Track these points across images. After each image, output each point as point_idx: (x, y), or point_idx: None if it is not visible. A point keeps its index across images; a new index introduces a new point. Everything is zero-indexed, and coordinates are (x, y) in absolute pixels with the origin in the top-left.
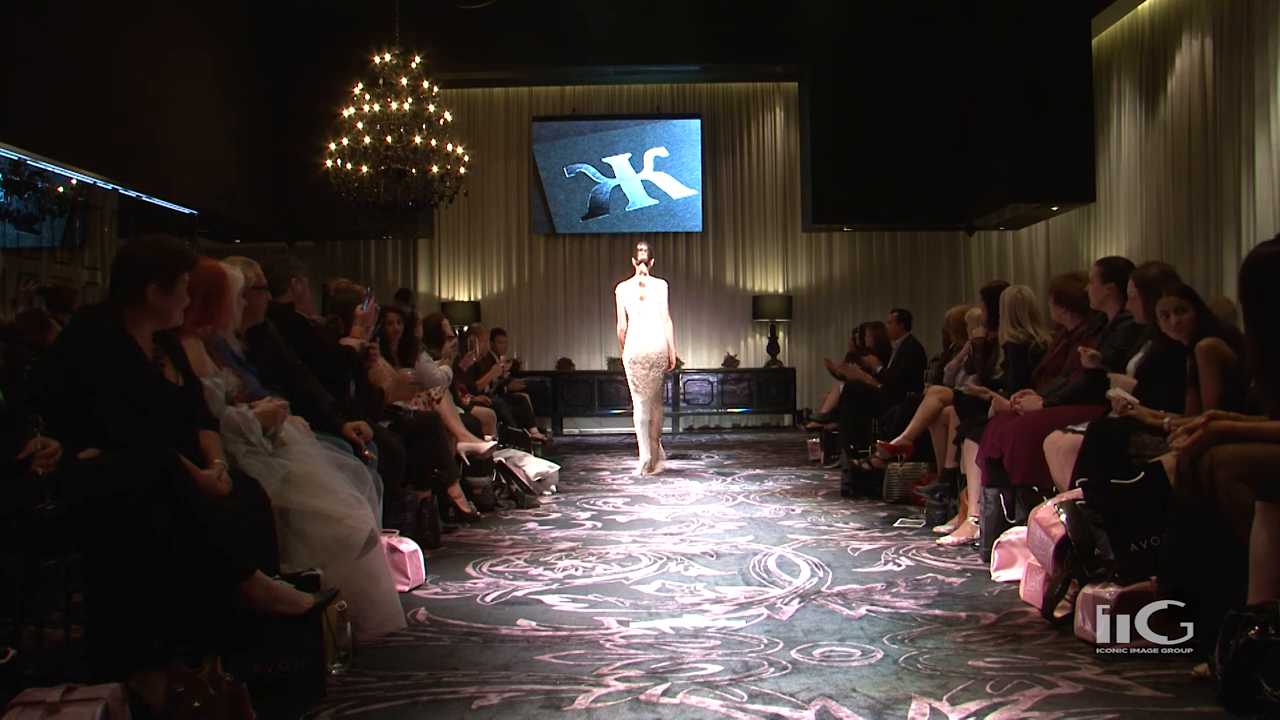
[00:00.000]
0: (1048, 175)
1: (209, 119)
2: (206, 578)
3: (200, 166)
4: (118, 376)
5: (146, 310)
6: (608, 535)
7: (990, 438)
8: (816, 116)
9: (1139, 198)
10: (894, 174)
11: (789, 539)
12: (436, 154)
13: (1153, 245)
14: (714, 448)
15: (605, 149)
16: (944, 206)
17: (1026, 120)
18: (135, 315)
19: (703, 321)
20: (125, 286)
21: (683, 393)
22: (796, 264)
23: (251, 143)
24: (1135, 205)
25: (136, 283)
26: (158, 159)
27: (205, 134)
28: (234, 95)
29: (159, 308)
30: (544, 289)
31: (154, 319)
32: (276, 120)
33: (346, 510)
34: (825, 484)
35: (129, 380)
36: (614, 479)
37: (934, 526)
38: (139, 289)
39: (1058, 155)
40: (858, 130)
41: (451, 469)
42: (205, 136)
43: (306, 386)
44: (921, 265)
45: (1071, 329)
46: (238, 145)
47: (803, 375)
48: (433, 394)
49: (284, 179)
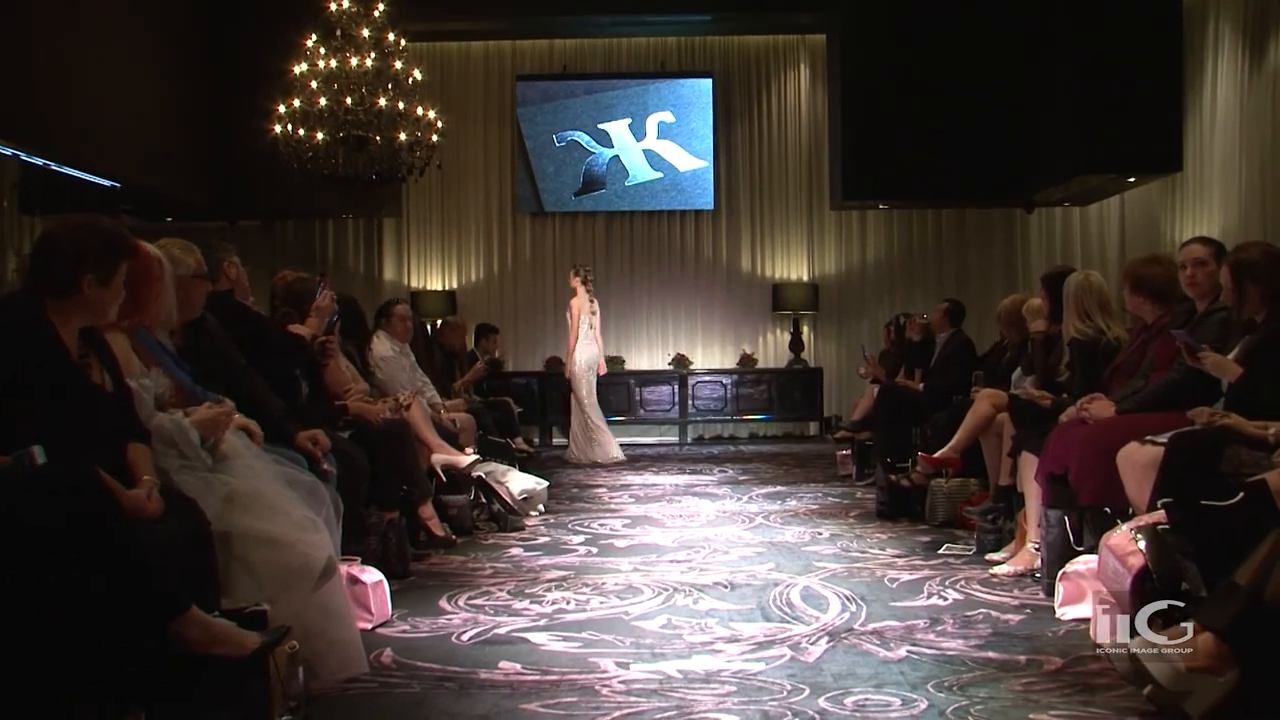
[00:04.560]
0: (1124, 140)
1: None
2: (132, 616)
3: (123, 130)
4: (37, 379)
5: (77, 304)
6: (604, 563)
7: (1053, 450)
8: (848, 74)
9: (1238, 166)
10: (939, 142)
11: (815, 567)
12: (404, 119)
13: (1254, 222)
14: (728, 461)
15: (601, 113)
16: (998, 179)
17: (1099, 75)
18: (62, 309)
19: (715, 315)
20: (53, 276)
21: (691, 397)
22: (824, 248)
23: (186, 103)
24: (1233, 174)
25: (68, 272)
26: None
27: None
28: (165, 47)
29: (93, 302)
30: (530, 277)
31: (84, 314)
32: (215, 77)
33: (299, 534)
34: (858, 503)
35: (51, 384)
36: (611, 497)
37: (986, 554)
38: (71, 280)
39: (1136, 116)
40: (897, 90)
41: (423, 486)
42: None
43: (252, 389)
44: (971, 249)
45: (1151, 322)
46: (169, 106)
47: (830, 377)
48: (400, 398)
49: (224, 147)
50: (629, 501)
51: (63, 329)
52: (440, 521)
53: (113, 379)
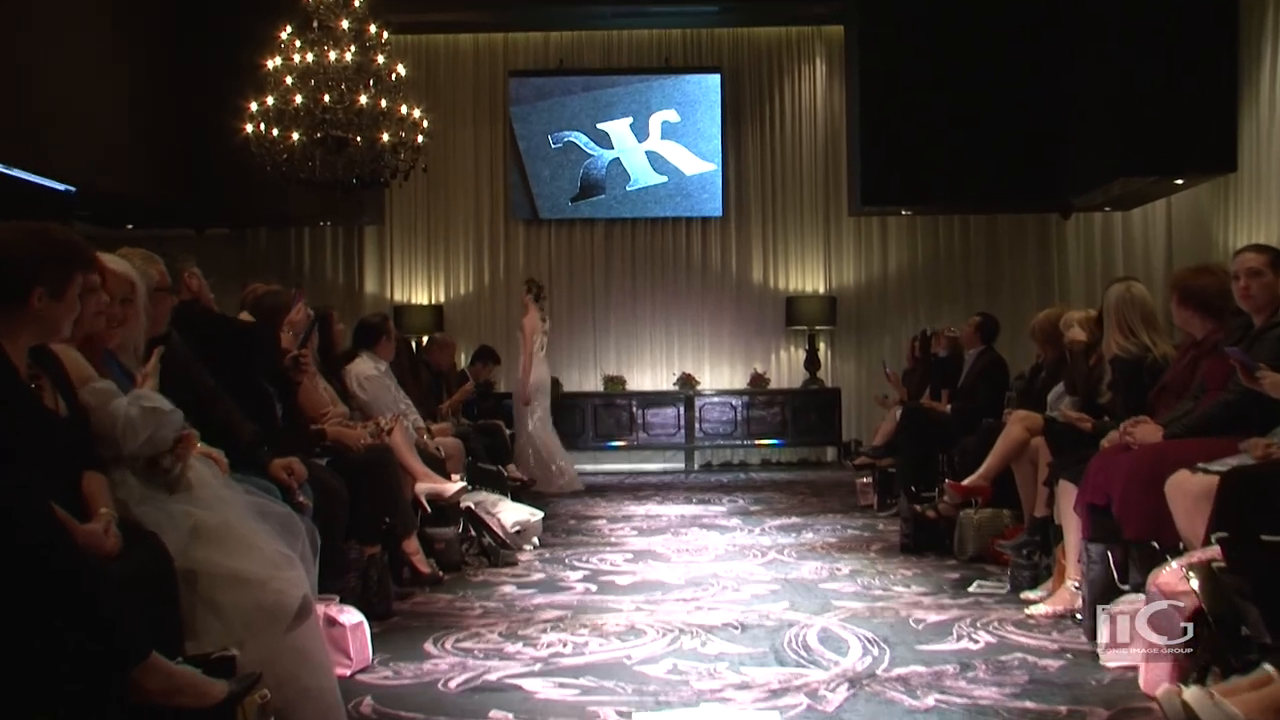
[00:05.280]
0: (1171, 138)
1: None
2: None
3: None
4: None
5: (27, 319)
6: (605, 601)
7: (1094, 478)
8: (868, 68)
9: None
10: (968, 141)
11: (834, 606)
12: (387, 118)
13: None
14: (738, 489)
15: (600, 112)
16: (1032, 182)
17: (1144, 69)
18: (9, 325)
19: (723, 331)
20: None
21: (698, 420)
22: (841, 257)
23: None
24: None
25: (16, 284)
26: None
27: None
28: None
29: (45, 317)
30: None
31: (35, 330)
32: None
33: (272, 571)
34: (880, 536)
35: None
36: (612, 529)
37: (1021, 592)
38: (20, 292)
39: (1185, 112)
40: (921, 86)
41: (407, 518)
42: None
43: (222, 413)
44: (1002, 258)
45: (1201, 338)
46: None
47: (849, 397)
48: (382, 422)
49: (191, 147)
50: (631, 534)
51: (10, 347)
52: (426, 557)
53: (66, 401)
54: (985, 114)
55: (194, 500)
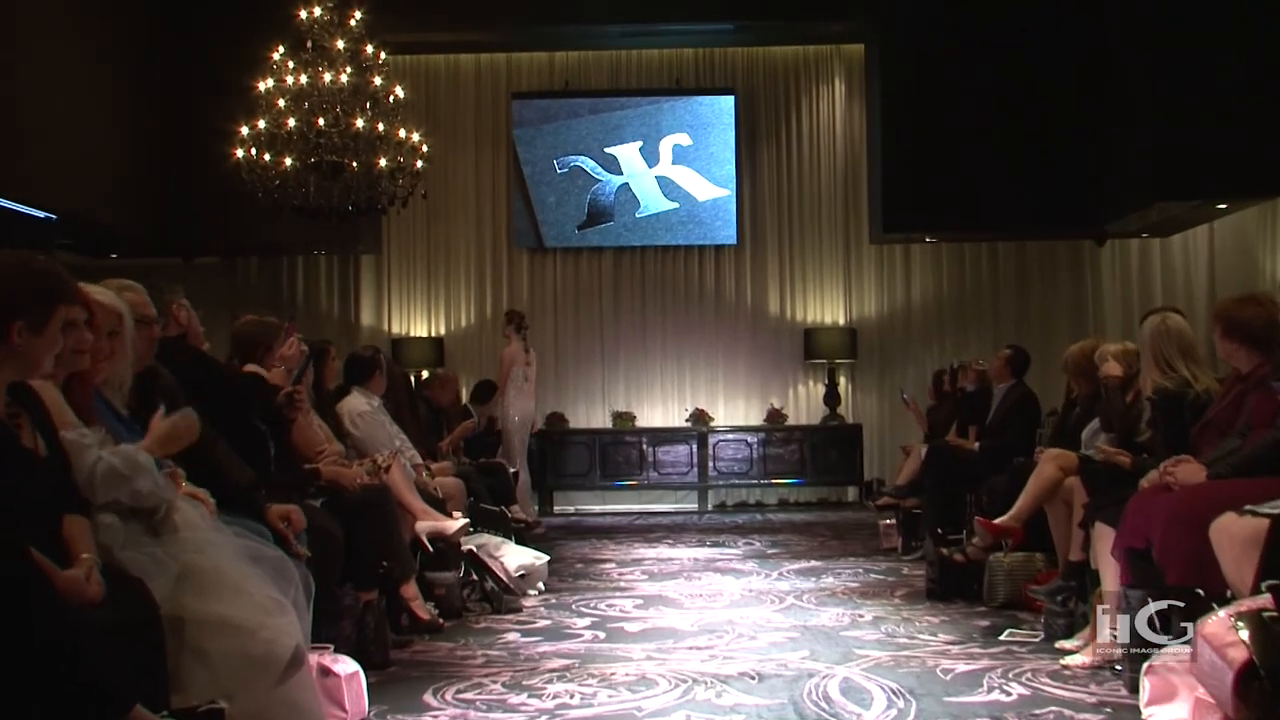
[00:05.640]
0: (1213, 162)
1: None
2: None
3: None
4: None
5: (5, 355)
6: (614, 649)
7: (1132, 521)
8: (889, 89)
9: None
10: (995, 165)
11: (856, 655)
12: (385, 142)
13: None
14: (754, 531)
15: (609, 136)
16: (1064, 207)
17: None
18: None
19: (738, 364)
20: None
21: (712, 458)
22: (862, 287)
23: (134, 123)
24: None
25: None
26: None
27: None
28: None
29: (24, 353)
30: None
31: (13, 366)
32: (170, 95)
33: (263, 619)
34: (904, 581)
35: None
36: (621, 574)
37: (1056, 641)
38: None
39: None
40: (945, 107)
41: (405, 562)
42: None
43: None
44: (1033, 288)
45: (1247, 372)
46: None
47: (871, 434)
48: (379, 460)
49: (179, 173)
50: (641, 578)
51: None
52: (425, 603)
53: (47, 442)
54: (1013, 135)
55: (181, 544)
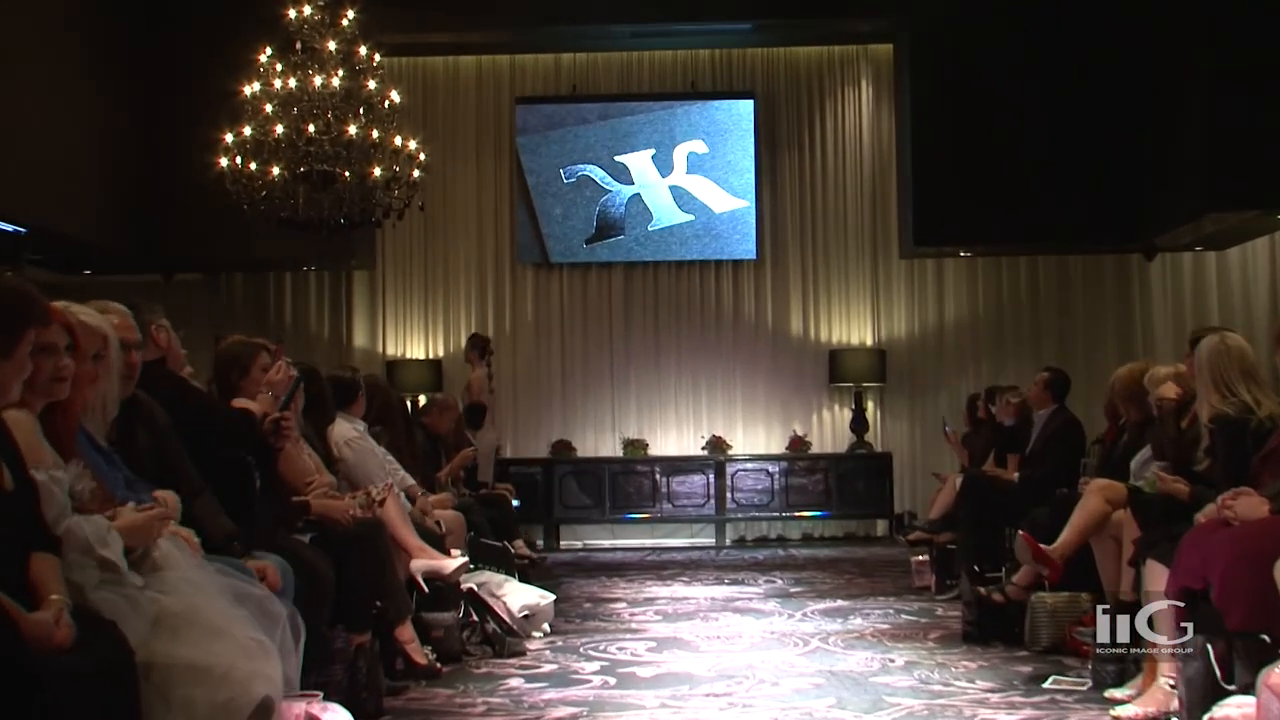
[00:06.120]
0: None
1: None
2: None
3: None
4: None
5: None
6: (625, 697)
7: (1188, 559)
8: (920, 92)
9: None
10: (1034, 173)
11: (887, 704)
12: (379, 150)
13: None
14: (775, 568)
15: (619, 143)
16: (1110, 218)
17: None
18: None
19: (758, 388)
20: None
21: (730, 489)
22: (892, 305)
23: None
24: None
25: None
26: None
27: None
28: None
29: None
30: (532, 342)
31: None
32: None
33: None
34: (939, 622)
35: None
36: (633, 614)
37: (1105, 690)
38: None
39: None
40: (981, 111)
41: (401, 601)
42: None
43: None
44: (1076, 305)
45: None
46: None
47: (902, 463)
48: (373, 492)
49: (157, 183)
50: (654, 619)
51: None
52: (422, 646)
53: (14, 474)
54: (1055, 141)
55: (161, 583)
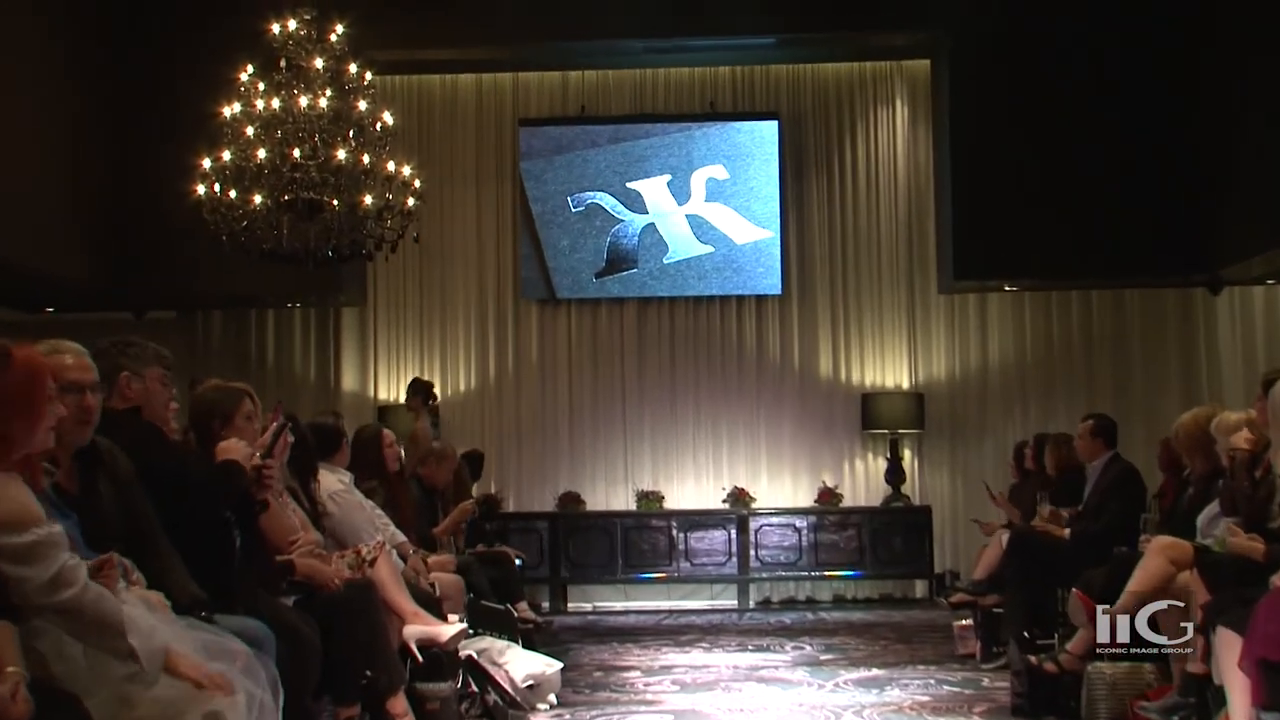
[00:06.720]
0: None
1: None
2: None
3: None
4: None
5: None
6: None
7: (1265, 627)
8: (960, 113)
9: None
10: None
11: None
12: (371, 176)
13: None
14: (804, 633)
15: (632, 168)
16: (1171, 250)
17: None
18: None
19: (783, 435)
20: None
21: (754, 546)
22: (930, 344)
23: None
24: None
25: None
26: None
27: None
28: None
29: None
30: (538, 384)
31: None
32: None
33: None
34: (985, 694)
35: None
36: (648, 684)
37: None
38: None
39: None
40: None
41: (393, 670)
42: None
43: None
44: (1132, 344)
45: None
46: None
47: (943, 518)
48: (364, 551)
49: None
50: (671, 689)
51: None
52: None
53: None
54: (1109, 164)
55: None
